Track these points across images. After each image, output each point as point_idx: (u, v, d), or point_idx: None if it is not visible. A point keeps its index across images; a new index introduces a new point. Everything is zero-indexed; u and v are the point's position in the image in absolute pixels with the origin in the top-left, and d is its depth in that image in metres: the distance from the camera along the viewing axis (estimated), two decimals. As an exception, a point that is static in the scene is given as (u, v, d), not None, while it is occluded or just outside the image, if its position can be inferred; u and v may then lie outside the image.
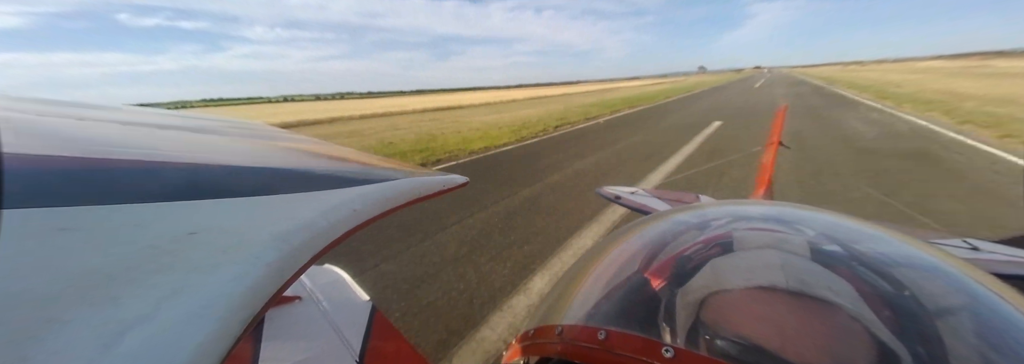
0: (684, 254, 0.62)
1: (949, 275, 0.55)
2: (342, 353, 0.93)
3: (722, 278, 0.50)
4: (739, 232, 0.67)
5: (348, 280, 1.31)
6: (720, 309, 0.45)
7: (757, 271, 0.49)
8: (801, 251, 0.53)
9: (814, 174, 4.96)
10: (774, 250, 0.54)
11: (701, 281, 0.51)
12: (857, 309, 0.42)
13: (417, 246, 3.35)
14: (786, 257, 0.52)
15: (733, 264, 0.53)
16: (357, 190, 0.62)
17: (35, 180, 0.40)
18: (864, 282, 0.49)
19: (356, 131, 14.19)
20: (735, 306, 0.45)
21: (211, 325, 0.31)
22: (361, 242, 3.38)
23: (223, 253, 0.37)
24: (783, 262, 0.50)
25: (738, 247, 0.58)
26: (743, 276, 0.49)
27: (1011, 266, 1.21)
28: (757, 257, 0.54)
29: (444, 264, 3.00)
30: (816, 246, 0.56)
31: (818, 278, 0.47)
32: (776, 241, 0.58)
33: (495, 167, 6.60)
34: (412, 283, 2.74)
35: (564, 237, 3.41)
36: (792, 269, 0.48)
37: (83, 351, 0.25)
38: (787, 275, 0.46)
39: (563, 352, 0.48)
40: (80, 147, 0.53)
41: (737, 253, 0.56)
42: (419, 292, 2.62)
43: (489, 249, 3.24)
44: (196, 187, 0.49)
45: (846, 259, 0.54)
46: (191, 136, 0.79)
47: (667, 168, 5.86)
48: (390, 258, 3.13)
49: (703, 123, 10.58)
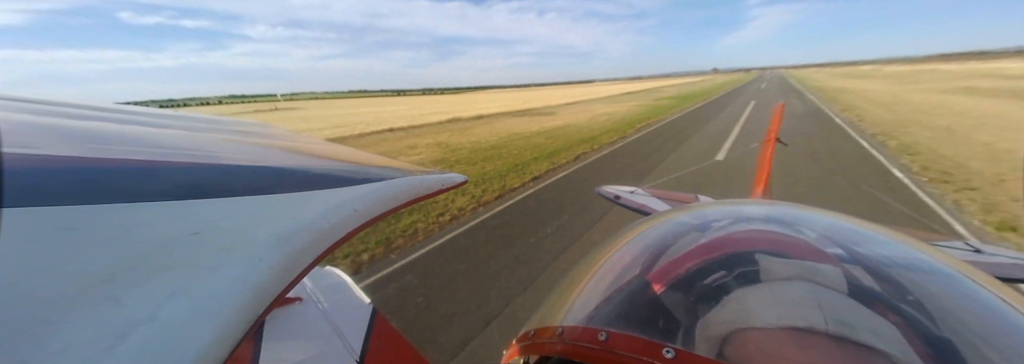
0: (684, 256, 0.62)
1: (958, 281, 0.55)
2: (343, 355, 0.93)
3: (749, 313, 0.45)
4: (740, 234, 0.67)
5: (349, 282, 1.31)
6: (749, 348, 0.42)
7: (791, 307, 0.45)
8: (836, 283, 0.48)
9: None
10: (807, 282, 0.49)
11: (726, 314, 0.46)
12: (901, 353, 0.39)
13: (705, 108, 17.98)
14: (821, 291, 0.47)
15: (760, 296, 0.48)
16: (358, 189, 0.62)
17: (35, 180, 0.40)
18: (894, 307, 0.45)
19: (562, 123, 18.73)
20: (768, 347, 0.41)
21: (214, 327, 0.30)
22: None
23: (225, 253, 0.37)
24: (819, 298, 0.45)
25: (730, 246, 0.55)
26: (776, 313, 0.44)
27: (1013, 269, 1.21)
28: (789, 290, 0.48)
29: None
30: (850, 275, 0.50)
31: (859, 318, 0.43)
32: (806, 271, 0.51)
33: (677, 120, 15.54)
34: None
35: (718, 111, 16.64)
36: (830, 307, 0.44)
37: (85, 352, 0.25)
38: (826, 315, 0.42)
39: (563, 352, 0.48)
40: (81, 147, 0.53)
41: (766, 284, 0.50)
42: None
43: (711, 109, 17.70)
44: (197, 187, 0.49)
45: (880, 292, 0.49)
46: (191, 135, 0.79)
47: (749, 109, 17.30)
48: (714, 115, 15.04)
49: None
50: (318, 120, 26.19)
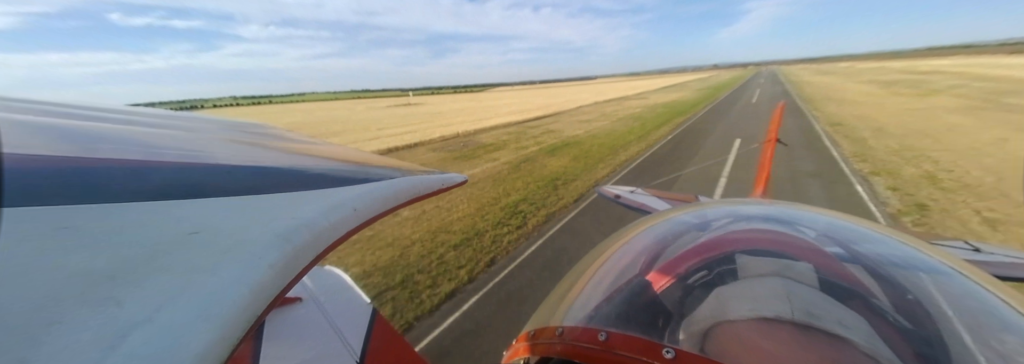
0: (684, 257, 0.61)
1: (955, 279, 0.55)
2: (343, 355, 0.93)
3: (727, 308, 0.48)
4: (738, 235, 0.67)
5: (349, 282, 1.31)
6: (725, 341, 0.44)
7: (762, 301, 0.47)
8: (808, 277, 0.51)
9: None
10: (780, 278, 0.52)
11: (706, 311, 0.49)
12: (868, 342, 0.41)
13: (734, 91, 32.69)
14: (792, 285, 0.49)
15: (737, 293, 0.51)
16: (357, 189, 0.62)
17: (35, 180, 0.40)
18: (872, 302, 0.47)
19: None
20: (740, 339, 0.44)
21: (214, 327, 0.30)
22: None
23: (225, 253, 0.37)
24: (789, 291, 0.48)
25: (739, 261, 0.56)
26: (748, 306, 0.47)
27: (1012, 268, 1.22)
28: (763, 285, 0.51)
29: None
30: (822, 268, 0.53)
31: (826, 309, 0.45)
32: (782, 267, 0.54)
33: (728, 95, 28.92)
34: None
35: (743, 93, 30.48)
36: (799, 299, 0.46)
37: (84, 353, 0.25)
38: (793, 306, 0.45)
39: (564, 352, 0.48)
40: (80, 146, 0.52)
41: (742, 280, 0.53)
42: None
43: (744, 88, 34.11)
44: (197, 186, 0.49)
45: (850, 280, 0.52)
46: (190, 135, 0.79)
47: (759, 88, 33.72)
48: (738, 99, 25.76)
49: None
50: (485, 111, 30.53)
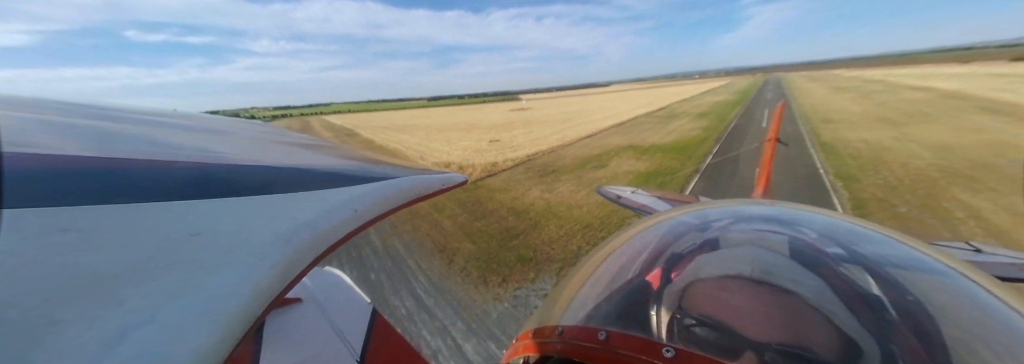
0: (685, 257, 0.61)
1: (941, 274, 0.56)
2: (343, 355, 0.93)
3: (699, 269, 0.55)
4: (734, 233, 0.67)
5: (349, 282, 1.31)
6: (694, 297, 0.50)
7: (729, 262, 0.55)
8: (780, 248, 0.58)
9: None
10: (753, 246, 0.60)
11: (685, 274, 0.56)
12: (819, 299, 0.46)
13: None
14: (760, 252, 0.57)
15: (712, 257, 0.60)
16: (358, 189, 0.62)
17: (35, 179, 0.40)
18: (841, 277, 0.52)
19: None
20: (706, 294, 0.50)
21: (214, 327, 0.30)
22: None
23: (226, 253, 0.37)
24: (755, 256, 0.56)
25: (725, 245, 0.63)
26: (717, 267, 0.55)
27: (1013, 269, 1.22)
28: (735, 252, 0.60)
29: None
30: (798, 244, 0.60)
31: (785, 270, 0.51)
32: (758, 238, 0.63)
33: (760, 91, 44.83)
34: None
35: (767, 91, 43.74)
36: (761, 262, 0.53)
37: (85, 352, 0.25)
38: (754, 267, 0.51)
39: (564, 351, 0.48)
40: (80, 146, 0.52)
41: (722, 249, 0.62)
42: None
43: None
44: (198, 186, 0.49)
45: (826, 256, 0.57)
46: (191, 135, 0.79)
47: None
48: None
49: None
50: (609, 108, 36.69)
